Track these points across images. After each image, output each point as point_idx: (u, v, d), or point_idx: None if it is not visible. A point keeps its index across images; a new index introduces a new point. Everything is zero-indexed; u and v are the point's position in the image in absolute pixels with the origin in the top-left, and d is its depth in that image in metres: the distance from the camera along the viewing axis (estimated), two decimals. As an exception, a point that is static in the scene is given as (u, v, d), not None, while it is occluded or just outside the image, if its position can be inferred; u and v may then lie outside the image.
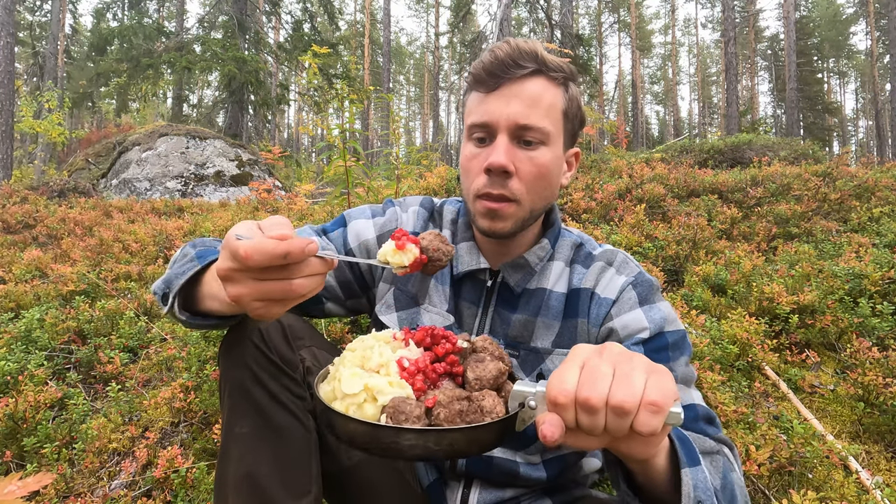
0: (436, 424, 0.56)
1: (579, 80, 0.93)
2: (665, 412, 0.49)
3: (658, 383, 0.50)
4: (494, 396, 0.60)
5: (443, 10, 33.09)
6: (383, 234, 1.03)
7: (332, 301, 1.02)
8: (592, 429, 0.50)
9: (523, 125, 0.83)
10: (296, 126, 38.25)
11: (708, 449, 0.72)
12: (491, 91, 0.86)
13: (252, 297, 0.57)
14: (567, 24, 11.85)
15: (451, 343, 0.66)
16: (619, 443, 0.53)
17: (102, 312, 2.40)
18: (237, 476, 0.79)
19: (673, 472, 0.62)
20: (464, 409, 0.57)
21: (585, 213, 3.76)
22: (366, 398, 0.58)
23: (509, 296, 0.95)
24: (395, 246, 0.66)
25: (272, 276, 0.57)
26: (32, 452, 1.63)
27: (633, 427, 0.49)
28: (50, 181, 7.13)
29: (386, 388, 0.59)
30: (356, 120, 3.55)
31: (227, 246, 0.56)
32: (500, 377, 0.63)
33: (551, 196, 0.91)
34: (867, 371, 1.79)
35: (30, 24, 19.79)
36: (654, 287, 0.91)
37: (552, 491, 0.98)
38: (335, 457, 0.88)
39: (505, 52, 0.84)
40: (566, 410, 0.51)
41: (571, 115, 0.89)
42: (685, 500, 0.60)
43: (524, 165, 0.85)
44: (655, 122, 45.23)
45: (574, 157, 0.96)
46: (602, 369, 0.51)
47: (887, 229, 3.31)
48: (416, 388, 0.60)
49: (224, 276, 0.57)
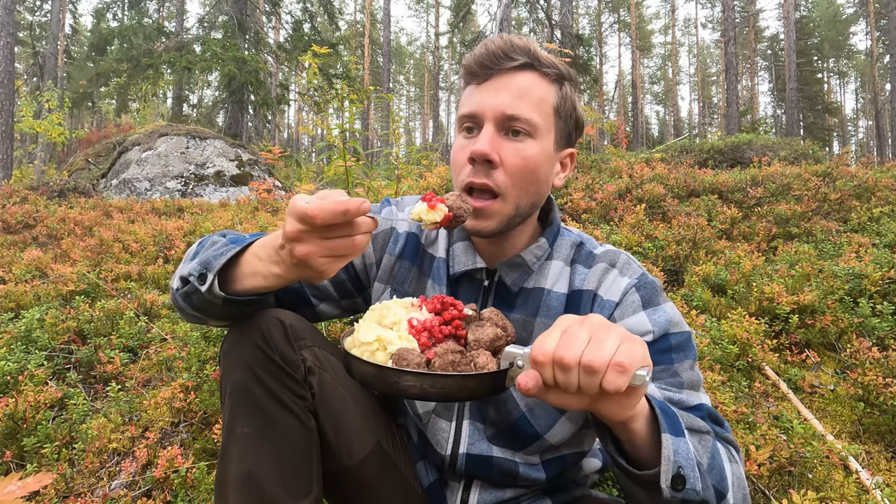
0: (433, 371, 0.66)
1: (577, 82, 0.92)
2: (630, 373, 0.54)
3: (628, 349, 0.55)
4: (489, 355, 0.69)
5: (443, 10, 33.11)
6: (378, 234, 1.03)
7: (326, 301, 1.02)
8: (567, 385, 0.57)
9: (510, 115, 0.83)
10: (296, 126, 38.25)
11: (697, 427, 0.73)
12: (482, 83, 0.86)
13: (319, 254, 0.67)
14: (567, 24, 11.85)
15: (457, 310, 0.77)
16: (596, 404, 0.60)
17: (102, 312, 2.40)
18: (238, 476, 0.79)
19: (656, 439, 0.65)
20: (456, 360, 0.67)
21: (585, 213, 3.76)
22: (378, 347, 0.70)
23: (506, 295, 0.94)
24: (428, 206, 0.77)
25: (335, 233, 0.67)
26: (32, 452, 1.63)
27: (602, 385, 0.55)
28: (50, 181, 7.13)
29: (395, 340, 0.71)
30: (356, 120, 3.55)
31: (294, 210, 0.65)
32: (497, 340, 0.73)
33: (538, 193, 0.89)
34: (867, 371, 1.79)
35: (30, 24, 19.79)
36: (658, 289, 0.90)
37: (552, 491, 0.98)
38: (336, 457, 0.88)
39: (497, 45, 0.84)
40: (544, 368, 0.58)
41: (565, 114, 0.88)
42: (664, 463, 0.63)
43: (509, 157, 0.84)
44: (655, 122, 45.23)
45: (569, 158, 0.94)
46: (580, 335, 0.57)
47: (887, 229, 3.31)
48: (421, 343, 0.71)
49: (293, 237, 0.66)
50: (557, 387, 0.58)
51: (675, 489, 0.63)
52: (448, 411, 0.95)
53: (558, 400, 0.60)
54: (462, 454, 0.93)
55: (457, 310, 0.76)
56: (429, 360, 0.68)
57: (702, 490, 0.64)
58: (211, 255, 0.80)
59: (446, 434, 0.94)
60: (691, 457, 0.65)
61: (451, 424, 0.94)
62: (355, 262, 1.02)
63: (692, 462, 0.64)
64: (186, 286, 0.80)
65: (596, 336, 0.57)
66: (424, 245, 1.02)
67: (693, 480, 0.63)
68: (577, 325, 0.59)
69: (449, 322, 0.75)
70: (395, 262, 1.01)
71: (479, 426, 0.93)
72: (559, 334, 0.58)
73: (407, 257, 1.01)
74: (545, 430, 0.90)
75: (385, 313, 0.76)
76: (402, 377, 0.64)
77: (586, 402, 0.60)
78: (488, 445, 0.92)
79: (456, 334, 0.74)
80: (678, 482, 0.63)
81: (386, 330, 0.73)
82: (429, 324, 0.73)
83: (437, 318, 0.75)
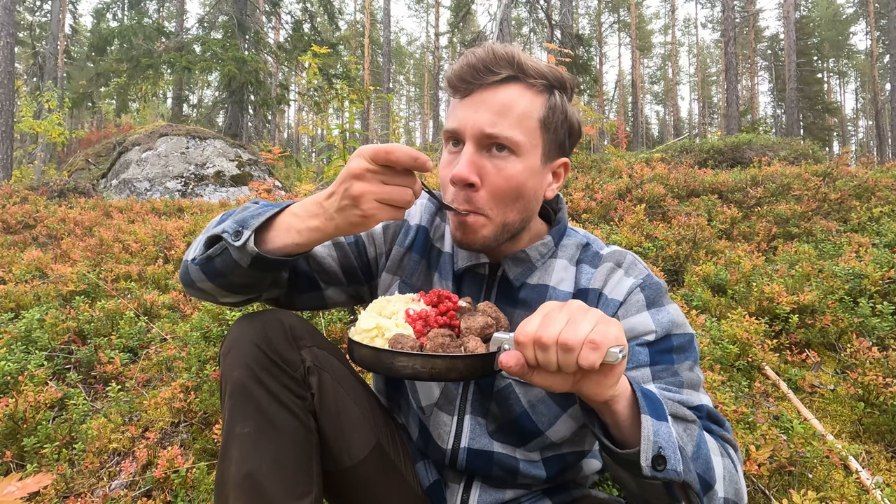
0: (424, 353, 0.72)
1: (570, 87, 0.89)
2: (602, 349, 0.57)
3: (602, 328, 0.59)
4: (478, 341, 0.74)
5: (443, 10, 33.10)
6: (389, 224, 1.03)
7: (333, 286, 1.02)
8: (547, 364, 0.60)
9: (489, 134, 0.80)
10: (296, 126, 38.25)
11: (682, 415, 0.73)
12: (464, 97, 0.83)
13: (374, 196, 0.71)
14: (567, 24, 11.85)
15: (452, 302, 0.82)
16: (579, 384, 0.63)
17: (102, 312, 2.40)
18: (238, 476, 0.79)
19: (639, 422, 0.67)
20: (445, 343, 0.73)
21: (585, 213, 3.76)
22: (377, 333, 0.76)
23: (509, 289, 0.95)
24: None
25: (395, 180, 0.72)
26: (32, 453, 1.63)
27: (578, 362, 0.58)
28: (50, 181, 7.13)
29: (392, 327, 0.77)
30: (356, 120, 3.55)
31: (368, 149, 0.70)
32: (487, 328, 0.77)
33: (526, 209, 0.87)
34: (867, 371, 1.79)
35: (30, 24, 19.78)
36: (663, 290, 0.90)
37: (552, 492, 0.98)
38: (336, 457, 0.88)
39: (478, 57, 0.81)
40: (526, 348, 0.61)
41: (554, 125, 0.85)
42: (644, 442, 0.64)
43: (490, 176, 0.82)
44: (655, 122, 45.23)
45: (562, 168, 0.92)
46: (559, 317, 0.60)
47: (887, 229, 3.31)
48: (417, 331, 0.76)
49: (357, 174, 0.71)
50: (540, 367, 0.62)
51: (655, 469, 0.64)
52: (450, 405, 0.95)
53: (542, 380, 0.63)
54: (463, 448, 0.93)
55: (451, 302, 0.82)
56: (423, 346, 0.74)
57: (683, 473, 0.65)
58: (247, 215, 0.82)
59: (448, 428, 0.94)
60: (673, 440, 0.66)
61: (453, 418, 0.94)
62: (368, 248, 1.03)
63: (673, 445, 0.66)
64: (210, 249, 0.82)
65: (573, 318, 0.60)
66: (433, 240, 1.03)
67: (674, 462, 0.64)
68: (557, 309, 0.62)
69: (444, 313, 0.80)
70: (404, 253, 1.01)
71: (480, 421, 0.93)
72: (540, 318, 0.61)
73: (417, 250, 1.01)
74: (546, 427, 0.90)
75: (385, 305, 0.82)
76: (396, 358, 0.70)
77: (569, 384, 0.63)
78: (489, 440, 0.93)
79: (450, 324, 0.79)
80: (659, 462, 0.64)
81: (385, 319, 0.79)
82: (424, 313, 0.79)
83: (433, 310, 0.80)
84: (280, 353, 0.83)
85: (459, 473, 0.97)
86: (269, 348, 0.82)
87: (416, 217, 1.03)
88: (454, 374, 0.70)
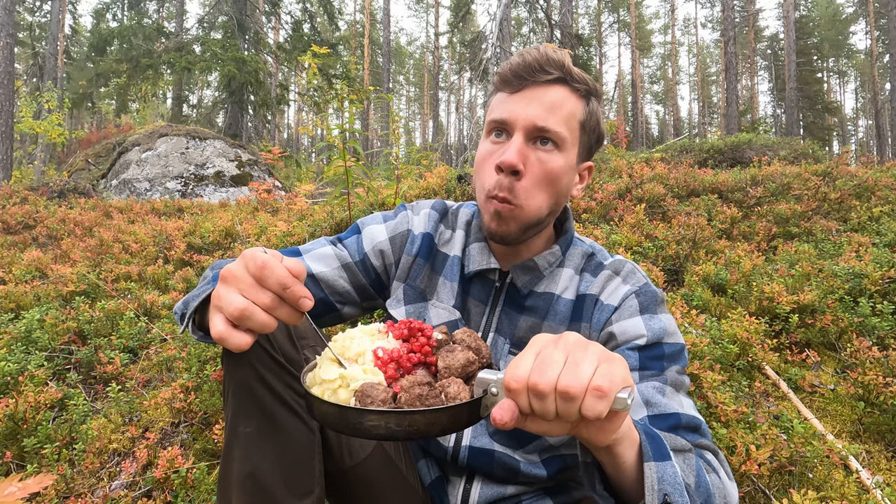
0: (399, 407, 0.60)
1: (602, 97, 0.95)
2: (610, 397, 0.51)
3: (606, 370, 0.52)
4: (460, 383, 0.63)
5: (442, 10, 33.11)
6: (395, 236, 1.05)
7: (349, 305, 1.04)
8: (544, 413, 0.53)
9: (540, 127, 0.85)
10: (296, 126, 38.24)
11: (679, 447, 0.73)
12: (515, 92, 0.88)
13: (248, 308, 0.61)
14: (567, 23, 11.85)
15: (425, 337, 0.70)
16: (578, 429, 0.57)
17: (102, 313, 2.40)
18: (240, 475, 0.79)
19: (641, 464, 0.64)
20: (423, 393, 0.61)
21: (585, 213, 3.76)
22: (340, 384, 0.63)
23: (517, 296, 0.97)
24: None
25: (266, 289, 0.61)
26: (33, 453, 1.63)
27: (581, 411, 0.51)
28: (50, 182, 7.13)
29: (359, 374, 0.63)
30: (356, 120, 3.55)
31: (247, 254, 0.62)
32: (469, 366, 0.67)
33: (557, 204, 0.92)
34: (867, 370, 1.80)
35: (30, 25, 19.77)
36: (658, 299, 0.92)
37: (553, 491, 0.99)
38: (337, 457, 0.88)
39: (533, 56, 0.86)
40: (519, 396, 0.54)
41: (589, 129, 0.91)
42: (648, 493, 0.61)
43: (534, 167, 0.86)
44: (655, 121, 45.22)
45: (587, 171, 0.97)
46: (554, 357, 0.53)
47: (887, 229, 3.31)
48: (388, 376, 0.64)
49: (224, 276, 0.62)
50: (535, 414, 0.55)
51: None
52: None
53: (537, 427, 0.56)
54: (465, 446, 0.94)
55: (424, 336, 0.70)
56: (395, 395, 0.62)
57: None
58: (192, 294, 0.79)
59: None
60: (679, 481, 0.63)
61: None
62: (376, 264, 1.04)
63: (680, 487, 0.63)
64: (183, 322, 0.82)
65: (572, 358, 0.53)
66: (438, 245, 1.05)
67: None
68: (552, 345, 0.55)
69: (419, 350, 0.70)
70: (412, 261, 1.04)
71: (481, 421, 0.94)
72: (533, 357, 0.55)
73: (422, 255, 1.04)
74: None
75: (348, 344, 0.69)
76: (364, 417, 0.58)
77: (567, 429, 0.57)
78: (490, 440, 0.94)
79: (426, 361, 0.68)
80: None
81: (350, 364, 0.66)
82: (396, 354, 0.66)
83: (405, 346, 0.69)
84: (284, 352, 0.84)
85: (461, 470, 0.98)
86: (272, 348, 0.83)
87: (421, 226, 1.06)
88: (436, 430, 0.59)
